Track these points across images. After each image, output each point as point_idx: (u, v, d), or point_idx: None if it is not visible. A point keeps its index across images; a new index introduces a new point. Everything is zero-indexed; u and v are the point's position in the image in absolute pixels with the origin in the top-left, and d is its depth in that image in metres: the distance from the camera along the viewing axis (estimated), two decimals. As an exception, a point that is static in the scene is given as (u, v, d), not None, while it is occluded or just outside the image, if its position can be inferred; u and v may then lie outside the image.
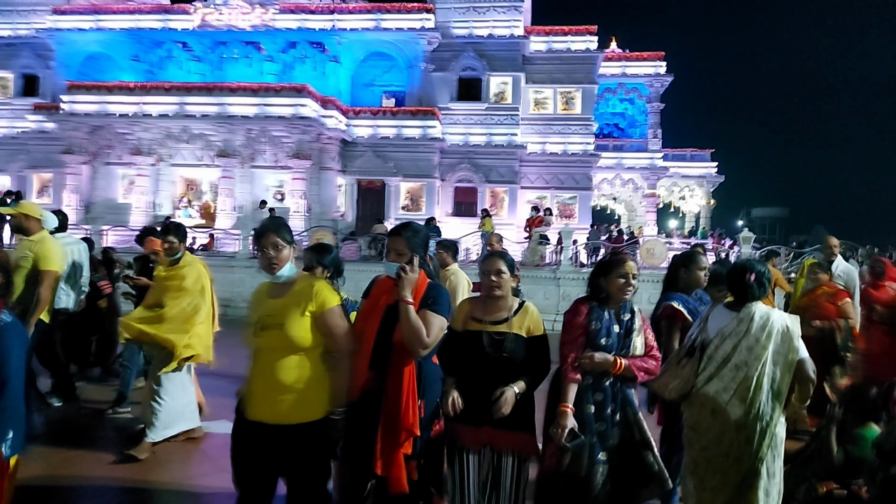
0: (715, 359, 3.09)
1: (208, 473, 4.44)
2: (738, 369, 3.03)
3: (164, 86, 21.97)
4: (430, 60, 24.29)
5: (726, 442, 3.03)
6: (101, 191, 23.23)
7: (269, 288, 2.87)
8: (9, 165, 24.99)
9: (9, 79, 25.93)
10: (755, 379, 2.99)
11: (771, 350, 3.02)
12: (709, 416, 3.08)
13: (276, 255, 2.75)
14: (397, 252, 2.82)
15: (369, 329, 2.84)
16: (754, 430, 2.98)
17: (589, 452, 3.03)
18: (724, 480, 3.04)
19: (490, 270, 3.10)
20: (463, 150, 24.15)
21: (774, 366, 3.02)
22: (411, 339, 2.69)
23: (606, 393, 3.10)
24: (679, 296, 4.01)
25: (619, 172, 29.27)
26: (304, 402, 2.68)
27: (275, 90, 21.36)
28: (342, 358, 2.76)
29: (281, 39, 24.50)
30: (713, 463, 3.07)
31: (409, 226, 2.94)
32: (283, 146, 21.90)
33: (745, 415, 2.98)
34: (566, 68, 25.02)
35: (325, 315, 2.73)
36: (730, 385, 3.03)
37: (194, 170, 23.36)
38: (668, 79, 29.34)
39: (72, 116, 21.91)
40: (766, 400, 2.99)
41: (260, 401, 2.70)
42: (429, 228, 16.34)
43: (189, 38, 24.79)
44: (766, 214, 79.63)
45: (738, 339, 3.06)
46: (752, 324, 3.06)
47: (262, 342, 2.73)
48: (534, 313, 3.12)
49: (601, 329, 3.14)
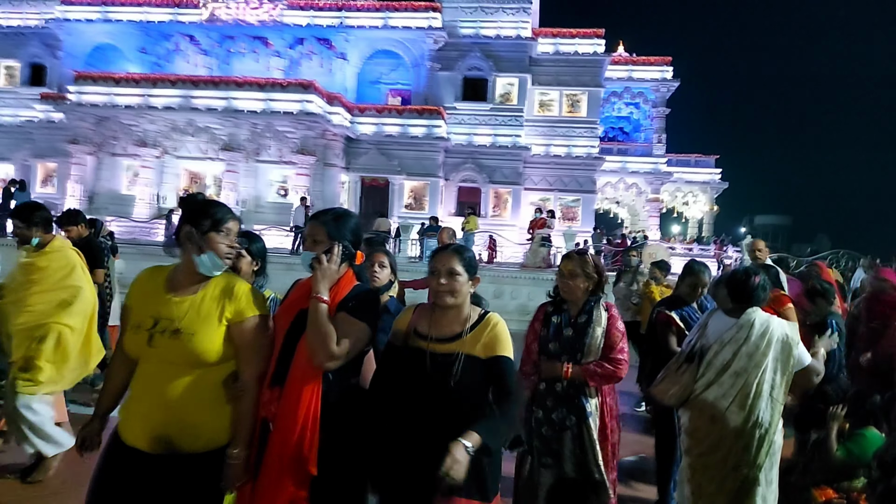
0: (714, 365, 3.06)
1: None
2: (737, 376, 3.01)
3: (170, 78, 21.99)
4: (436, 60, 24.29)
5: (725, 449, 3.01)
6: (105, 182, 23.26)
7: (166, 279, 2.22)
8: (13, 154, 25.05)
9: (16, 68, 26.02)
10: (755, 386, 2.98)
11: (771, 357, 3.01)
12: (707, 423, 3.06)
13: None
14: (314, 239, 2.28)
15: (276, 337, 2.27)
16: (753, 437, 2.97)
17: (534, 457, 3.04)
18: (721, 487, 3.02)
19: (440, 270, 2.34)
20: (467, 150, 24.15)
21: (774, 373, 3.01)
22: (315, 345, 2.10)
23: (557, 398, 3.07)
24: (675, 304, 4.05)
25: (622, 176, 29.26)
26: (199, 428, 2.12)
27: (281, 86, 21.38)
28: (249, 386, 2.18)
29: (289, 35, 24.53)
30: (711, 470, 3.05)
31: (331, 211, 2.38)
32: (287, 142, 21.92)
33: (744, 422, 2.97)
34: (572, 71, 25.03)
35: (242, 326, 2.17)
36: (729, 392, 3.01)
37: (199, 163, 23.38)
38: (675, 84, 29.32)
39: (78, 107, 21.94)
40: (765, 407, 2.98)
41: (142, 423, 2.10)
42: (433, 229, 16.21)
43: (197, 31, 24.82)
44: (768, 222, 79.72)
45: (738, 346, 3.04)
46: (753, 331, 3.04)
47: (156, 352, 2.11)
48: (497, 326, 2.33)
49: (549, 334, 3.13)
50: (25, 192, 17.68)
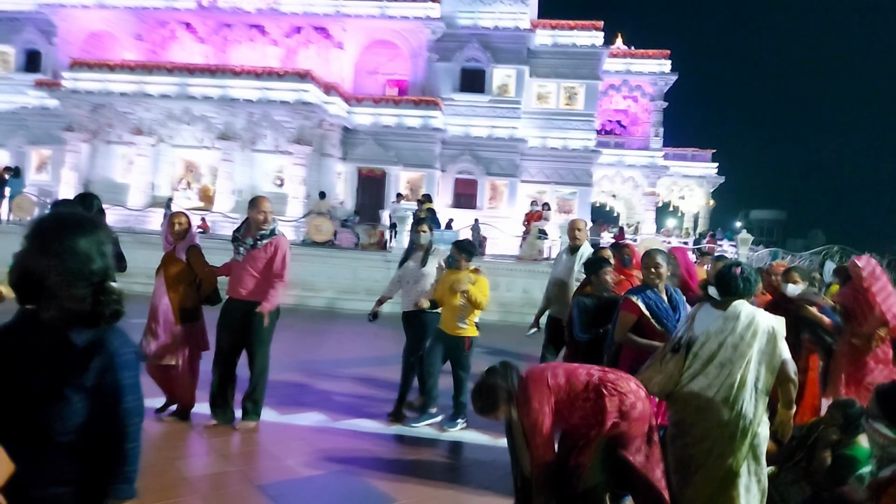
0: (700, 356, 3.10)
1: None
2: (722, 367, 3.04)
3: (166, 66, 21.85)
4: (434, 50, 24.18)
5: (710, 439, 3.05)
6: (100, 169, 23.13)
7: None
8: (8, 141, 24.89)
9: (10, 53, 25.78)
10: (739, 377, 3.01)
11: (756, 349, 3.04)
12: (693, 414, 3.10)
13: None
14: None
15: None
16: (737, 427, 3.01)
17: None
18: (706, 476, 3.06)
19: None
20: (464, 142, 24.10)
21: (759, 365, 3.04)
22: None
23: None
24: (642, 291, 3.88)
25: (619, 169, 29.26)
26: None
27: (278, 74, 21.27)
28: None
29: (285, 23, 24.36)
30: (696, 460, 3.09)
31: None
32: (284, 131, 21.83)
33: (728, 412, 3.01)
34: (570, 63, 24.95)
35: None
36: (714, 382, 3.04)
37: (194, 152, 23.28)
38: (673, 77, 29.28)
39: (73, 93, 21.79)
40: (749, 398, 3.01)
41: None
42: (422, 210, 16.03)
43: (193, 18, 24.64)
44: (764, 217, 79.93)
45: (723, 337, 3.07)
46: (738, 322, 3.07)
47: None
48: None
49: None
50: (20, 178, 17.58)
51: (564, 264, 5.65)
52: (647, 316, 3.71)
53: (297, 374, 7.05)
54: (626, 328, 3.75)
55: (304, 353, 8.18)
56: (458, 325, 5.16)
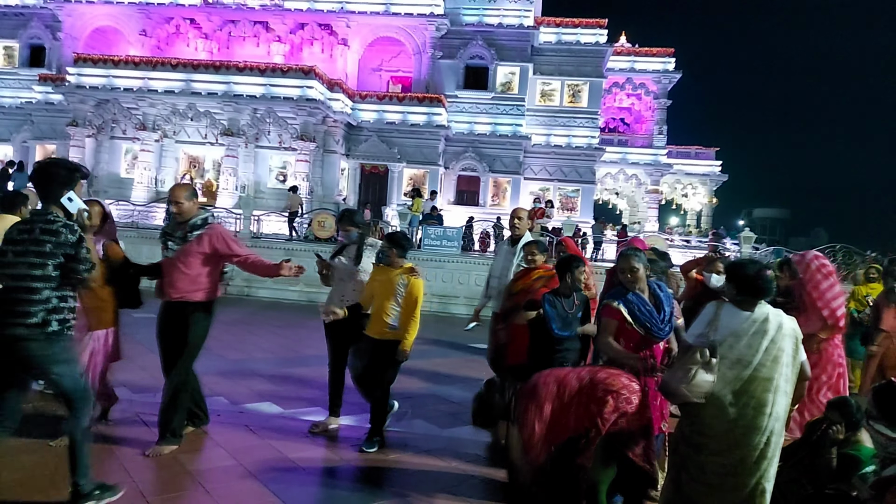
0: (728, 359, 2.97)
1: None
2: (751, 368, 2.94)
3: (171, 61, 21.88)
4: (438, 47, 24.19)
5: (744, 445, 2.94)
6: (104, 164, 23.20)
7: None
8: (13, 136, 24.98)
9: (15, 48, 25.86)
10: (772, 380, 2.93)
11: (786, 352, 2.97)
12: (722, 419, 2.96)
13: None
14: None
15: None
16: (773, 431, 2.93)
17: None
18: (736, 483, 2.96)
19: None
20: (468, 139, 24.12)
21: (787, 367, 2.97)
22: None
23: None
24: (623, 295, 3.67)
25: (622, 167, 29.21)
26: None
27: (282, 71, 21.30)
28: None
29: (290, 20, 24.40)
30: (727, 467, 2.95)
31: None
32: (288, 127, 21.87)
33: (762, 416, 2.92)
34: (575, 61, 24.95)
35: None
36: (744, 386, 2.93)
37: (198, 147, 23.33)
38: (677, 76, 29.21)
39: (78, 89, 21.84)
40: (780, 400, 2.94)
41: None
42: (432, 217, 16.01)
43: (198, 14, 24.67)
44: (767, 215, 79.82)
45: (753, 339, 2.97)
46: (768, 324, 2.98)
47: None
48: None
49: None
50: (24, 173, 17.65)
51: (504, 256, 5.27)
52: (628, 321, 3.57)
53: (303, 369, 7.11)
54: (608, 334, 3.61)
55: (310, 349, 8.22)
56: (385, 329, 4.56)
